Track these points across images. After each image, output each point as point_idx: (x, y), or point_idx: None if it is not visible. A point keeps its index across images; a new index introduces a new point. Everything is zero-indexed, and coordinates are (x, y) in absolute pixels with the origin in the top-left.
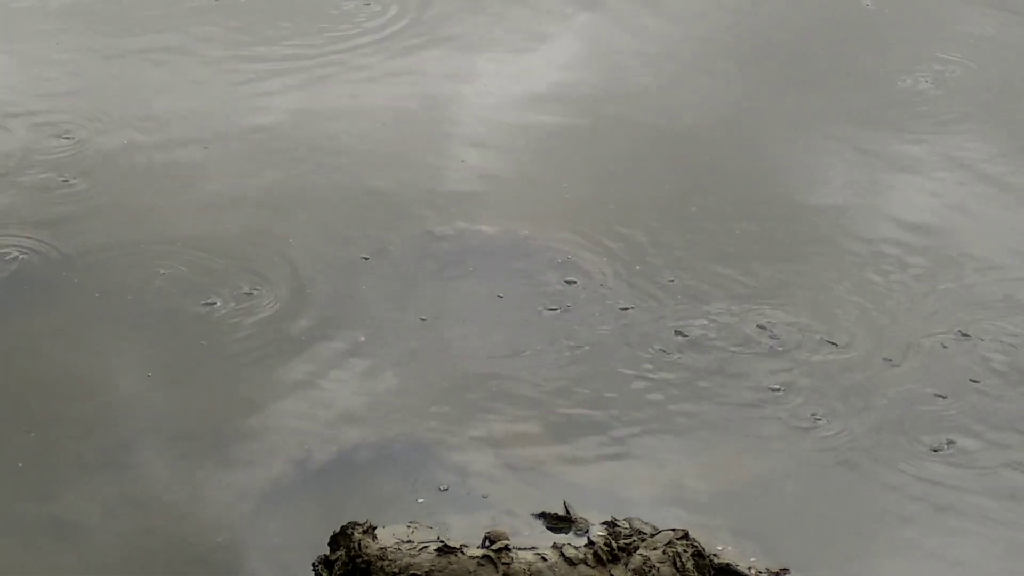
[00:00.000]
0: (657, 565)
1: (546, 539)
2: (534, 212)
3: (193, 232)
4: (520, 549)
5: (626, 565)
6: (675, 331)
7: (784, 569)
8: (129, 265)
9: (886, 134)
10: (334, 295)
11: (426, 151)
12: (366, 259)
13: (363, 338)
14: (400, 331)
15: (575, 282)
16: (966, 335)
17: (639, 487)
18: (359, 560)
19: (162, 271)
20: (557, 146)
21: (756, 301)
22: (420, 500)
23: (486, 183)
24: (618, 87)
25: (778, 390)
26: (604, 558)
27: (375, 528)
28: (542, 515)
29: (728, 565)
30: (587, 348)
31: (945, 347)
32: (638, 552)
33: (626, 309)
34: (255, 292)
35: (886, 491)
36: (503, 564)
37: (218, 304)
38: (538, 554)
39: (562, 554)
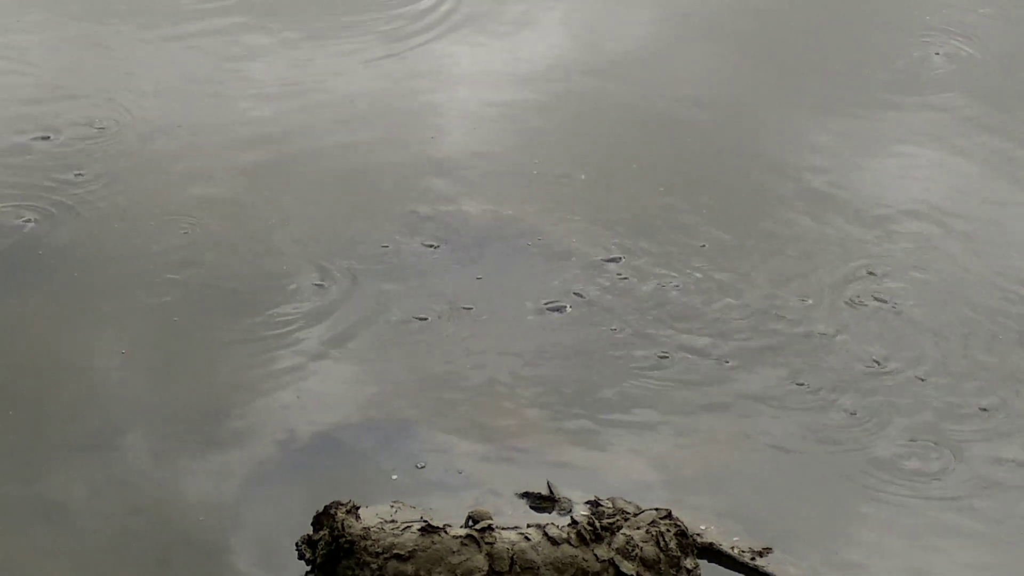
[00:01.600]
0: (640, 544)
1: (529, 519)
2: (518, 192)
3: (180, 218)
4: (503, 529)
5: (609, 544)
6: (658, 311)
7: (767, 548)
8: (117, 249)
9: (881, 113)
10: (319, 278)
11: (409, 134)
12: (352, 240)
13: (346, 320)
14: (384, 314)
15: (561, 262)
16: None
17: (622, 467)
18: (342, 540)
19: (150, 255)
20: (541, 127)
21: (739, 281)
22: (394, 476)
23: (470, 164)
24: (602, 68)
25: (763, 371)
26: (587, 537)
27: (358, 508)
28: (525, 495)
29: (711, 544)
30: (572, 328)
31: (932, 329)
32: (621, 531)
33: (609, 288)
34: (241, 276)
35: (868, 471)
36: (486, 543)
37: (205, 288)
38: (521, 534)
39: (545, 534)
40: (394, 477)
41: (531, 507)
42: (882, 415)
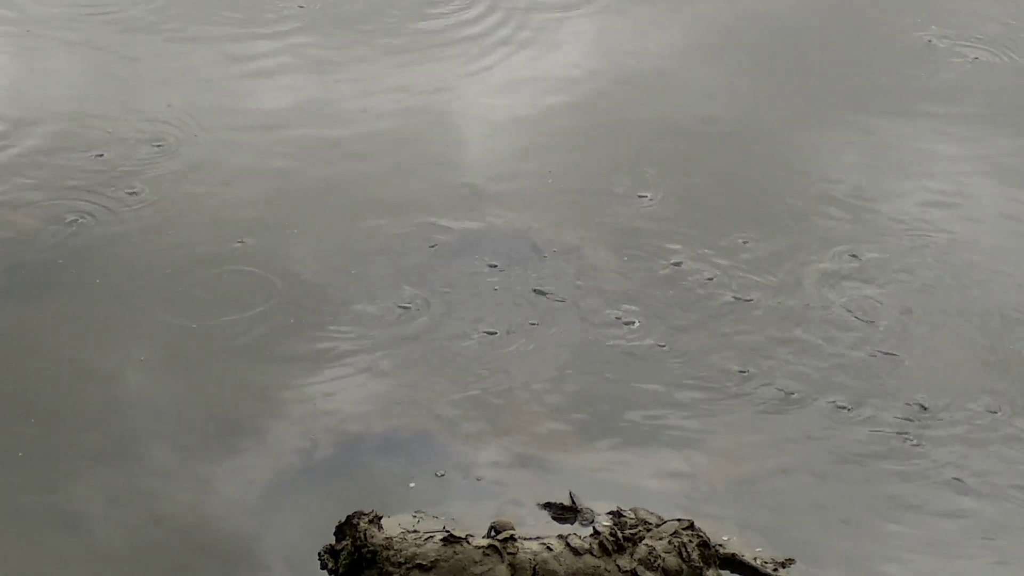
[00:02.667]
0: (663, 555)
1: (552, 529)
2: (540, 203)
3: (205, 223)
4: (526, 539)
5: (632, 555)
6: (680, 322)
7: (789, 559)
8: (140, 257)
9: (897, 118)
10: (339, 287)
11: (431, 144)
12: (371, 251)
13: (368, 330)
14: (405, 323)
15: (580, 272)
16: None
17: (645, 477)
18: (365, 550)
19: (169, 262)
20: (564, 138)
21: (763, 293)
22: (411, 484)
23: (492, 175)
24: (624, 79)
25: (785, 385)
26: (610, 548)
27: (381, 518)
28: (548, 505)
29: (733, 555)
30: (592, 339)
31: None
32: (644, 542)
33: (630, 298)
34: (264, 285)
35: (892, 483)
36: (508, 554)
37: (228, 296)
38: (544, 544)
39: (568, 544)
40: (411, 485)
41: (553, 517)
42: (919, 436)
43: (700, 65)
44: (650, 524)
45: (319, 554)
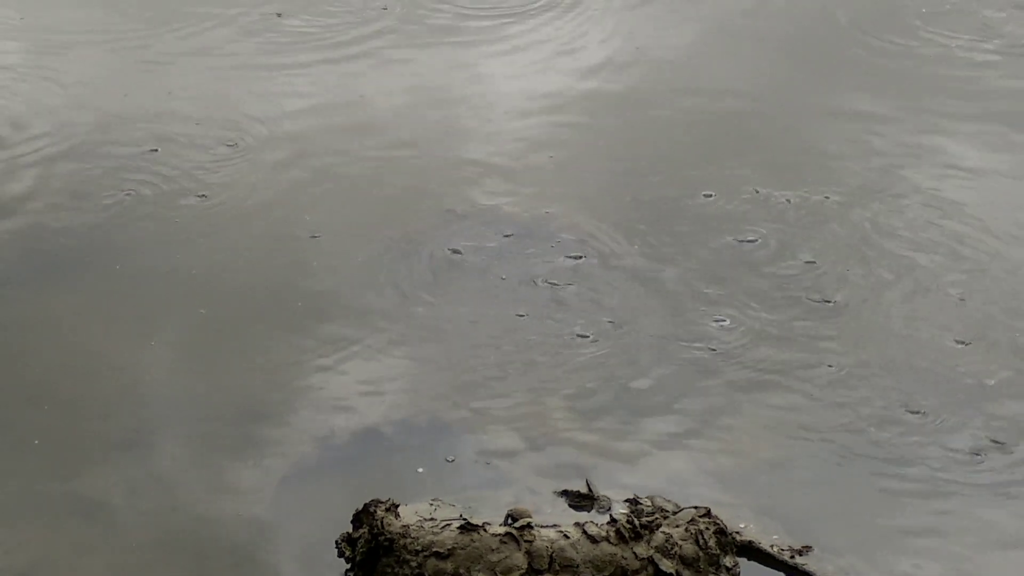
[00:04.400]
0: (679, 542)
1: (569, 517)
2: (558, 192)
3: (225, 216)
4: (542, 527)
5: (648, 543)
6: (698, 313)
7: (806, 546)
8: (158, 246)
9: (913, 110)
10: (357, 276)
11: (451, 132)
12: (389, 239)
13: (385, 319)
14: (422, 312)
15: (595, 261)
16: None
17: (661, 465)
18: (382, 537)
19: (189, 250)
20: (583, 128)
21: (774, 289)
22: (420, 470)
23: (511, 163)
24: (644, 71)
25: (801, 369)
26: (626, 536)
27: (398, 506)
28: (564, 493)
29: (751, 542)
30: (609, 327)
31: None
32: (660, 529)
33: (648, 288)
34: (279, 274)
35: (910, 468)
36: (525, 541)
37: (246, 285)
38: (560, 532)
39: (584, 532)
40: (420, 471)
41: (570, 505)
42: (929, 410)
43: (718, 55)
44: (667, 512)
45: (336, 542)
